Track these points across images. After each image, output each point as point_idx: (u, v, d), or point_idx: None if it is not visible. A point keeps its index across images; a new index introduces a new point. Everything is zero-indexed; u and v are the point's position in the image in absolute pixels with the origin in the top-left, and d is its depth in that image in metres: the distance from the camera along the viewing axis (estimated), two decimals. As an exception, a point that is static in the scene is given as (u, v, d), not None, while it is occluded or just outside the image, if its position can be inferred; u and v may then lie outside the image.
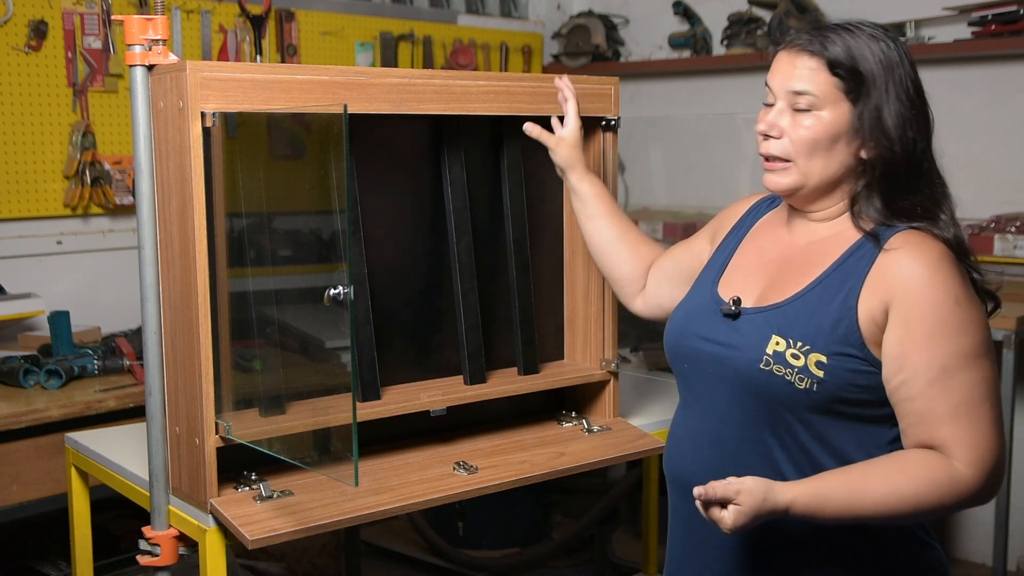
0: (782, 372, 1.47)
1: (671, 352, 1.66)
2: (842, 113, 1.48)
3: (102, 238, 3.31)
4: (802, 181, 1.52)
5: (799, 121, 1.50)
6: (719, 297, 1.61)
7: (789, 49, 1.53)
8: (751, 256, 1.65)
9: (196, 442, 1.71)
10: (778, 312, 1.52)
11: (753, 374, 1.49)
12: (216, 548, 1.73)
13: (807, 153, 1.50)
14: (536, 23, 4.57)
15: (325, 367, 2.28)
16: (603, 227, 1.92)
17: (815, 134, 1.49)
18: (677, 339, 1.64)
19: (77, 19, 3.17)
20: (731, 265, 1.66)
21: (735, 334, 1.54)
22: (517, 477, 1.93)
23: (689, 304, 1.68)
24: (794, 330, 1.48)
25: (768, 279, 1.58)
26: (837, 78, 1.48)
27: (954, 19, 3.54)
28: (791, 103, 1.51)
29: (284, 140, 2.91)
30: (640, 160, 4.33)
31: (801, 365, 1.45)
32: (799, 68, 1.50)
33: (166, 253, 1.75)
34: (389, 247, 1.99)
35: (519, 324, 2.11)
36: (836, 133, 1.49)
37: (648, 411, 2.33)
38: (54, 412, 2.52)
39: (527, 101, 1.99)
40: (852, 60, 1.48)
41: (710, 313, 1.60)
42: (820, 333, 1.46)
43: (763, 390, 1.49)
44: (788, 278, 1.55)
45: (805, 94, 1.49)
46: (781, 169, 1.53)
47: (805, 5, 3.86)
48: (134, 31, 1.70)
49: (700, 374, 1.59)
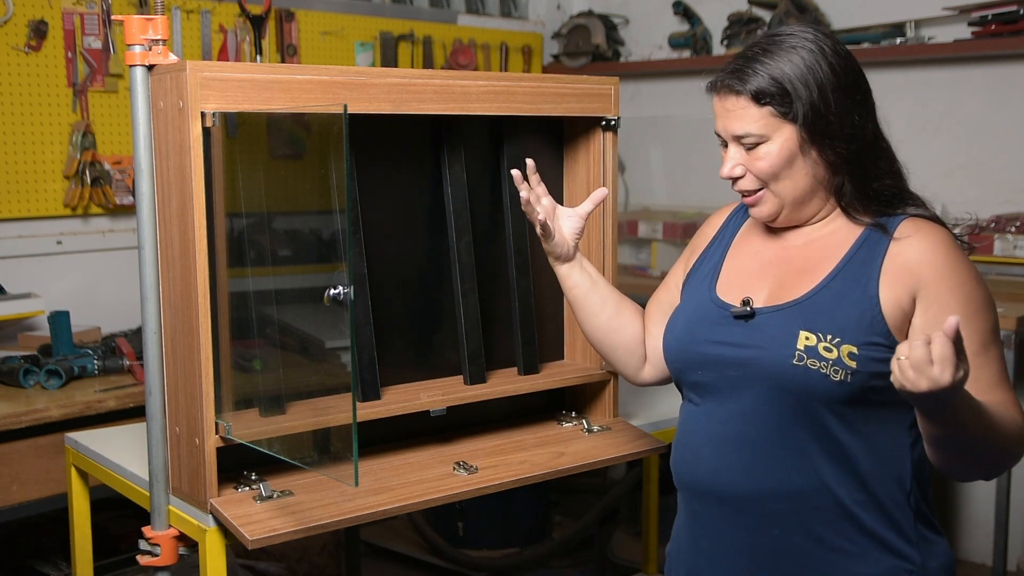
0: (816, 366, 1.48)
1: (679, 362, 1.65)
2: (788, 135, 1.52)
3: (102, 238, 3.31)
4: (779, 204, 1.57)
5: (754, 156, 1.55)
6: (721, 300, 1.62)
7: (719, 93, 1.57)
8: (747, 259, 1.66)
9: (196, 442, 1.71)
10: (798, 308, 1.53)
11: (786, 371, 1.50)
12: (216, 548, 1.73)
13: (772, 179, 1.55)
14: (536, 23, 4.57)
15: (325, 367, 2.28)
16: (609, 294, 1.80)
17: (771, 164, 1.54)
18: (685, 347, 1.63)
19: (77, 19, 3.17)
20: (724, 269, 1.67)
21: (756, 334, 1.55)
22: (517, 477, 1.93)
23: (688, 312, 1.67)
24: (820, 324, 1.50)
25: (774, 279, 1.60)
26: (767, 107, 1.52)
27: (954, 19, 3.54)
28: (740, 143, 1.56)
29: (284, 140, 2.91)
30: (640, 160, 4.33)
31: (835, 357, 1.48)
32: (732, 111, 1.54)
33: (166, 253, 1.75)
34: (389, 247, 1.99)
35: (519, 324, 2.11)
36: (790, 154, 1.53)
37: (648, 411, 2.33)
38: (54, 412, 2.52)
39: (527, 101, 1.99)
40: (775, 83, 1.51)
41: (717, 317, 1.60)
42: (848, 324, 1.49)
43: (797, 386, 1.50)
44: (796, 276, 1.57)
45: (746, 136, 1.54)
46: (759, 199, 1.58)
47: (805, 5, 3.86)
48: (134, 31, 1.70)
49: (719, 379, 1.58)
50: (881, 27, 3.69)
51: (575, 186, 2.18)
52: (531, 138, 2.14)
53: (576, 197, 2.18)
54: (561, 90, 2.03)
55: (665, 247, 4.09)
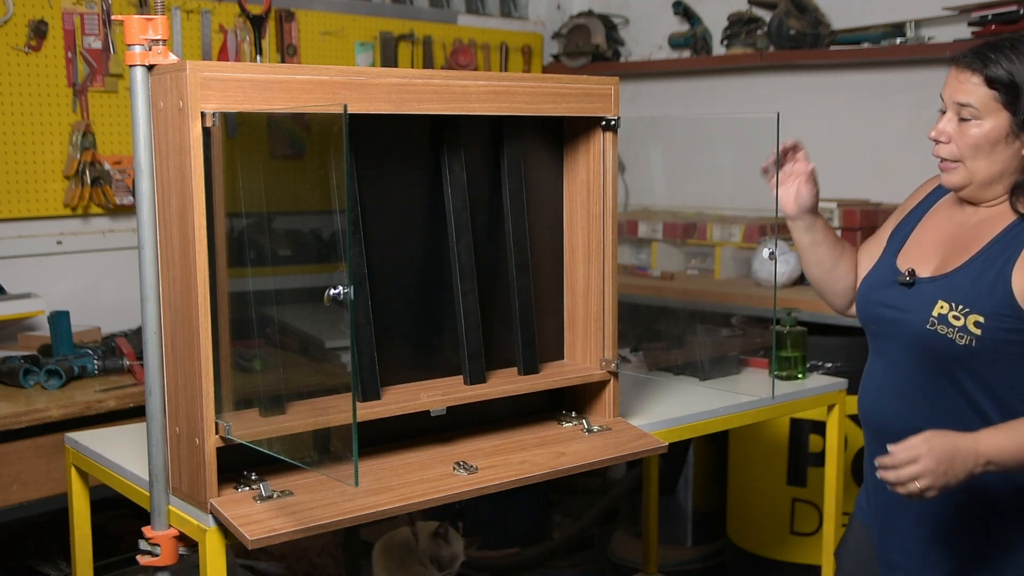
0: (944, 331, 1.79)
1: (861, 316, 2.02)
2: (1001, 122, 1.78)
3: (102, 238, 3.31)
4: (969, 178, 1.83)
5: (964, 129, 1.81)
6: (898, 269, 1.93)
7: (957, 66, 1.83)
8: (930, 233, 1.95)
9: (196, 442, 1.71)
10: (945, 281, 1.84)
11: (922, 333, 1.83)
12: (216, 548, 1.73)
13: (971, 155, 1.81)
14: (536, 23, 4.57)
15: (325, 367, 2.27)
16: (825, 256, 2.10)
17: (976, 139, 1.79)
18: (864, 305, 1.99)
19: (77, 19, 3.17)
20: (911, 239, 1.97)
21: (908, 300, 1.87)
22: (517, 477, 1.93)
23: (873, 274, 2.00)
24: (956, 295, 1.80)
25: (942, 254, 1.89)
26: (995, 91, 1.77)
27: (954, 19, 3.54)
28: (957, 113, 1.81)
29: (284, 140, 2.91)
30: (640, 160, 4.33)
31: (961, 325, 1.78)
32: (963, 83, 1.80)
33: (166, 253, 1.75)
34: (389, 247, 1.99)
35: (519, 324, 2.11)
36: (996, 138, 1.79)
37: (648, 411, 2.33)
38: (54, 412, 2.52)
39: (527, 101, 1.99)
40: (1009, 76, 1.76)
41: (890, 282, 1.93)
42: (979, 297, 1.78)
43: (929, 346, 1.82)
44: (957, 252, 1.86)
45: (967, 106, 1.79)
46: (951, 168, 1.84)
47: (805, 5, 3.86)
48: (134, 31, 1.70)
49: (882, 333, 1.95)
50: (881, 27, 3.70)
51: (575, 186, 2.18)
52: (531, 138, 2.14)
53: (576, 197, 2.18)
54: (561, 90, 2.03)
55: (665, 247, 4.08)
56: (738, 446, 3.60)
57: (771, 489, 3.45)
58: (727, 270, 3.91)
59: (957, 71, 1.82)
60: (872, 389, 1.99)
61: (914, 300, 1.86)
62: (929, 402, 1.86)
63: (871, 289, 1.98)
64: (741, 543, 3.63)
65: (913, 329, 1.85)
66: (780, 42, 3.87)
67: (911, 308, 1.86)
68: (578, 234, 2.19)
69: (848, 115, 3.94)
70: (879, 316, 1.94)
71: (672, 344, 2.76)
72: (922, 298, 1.85)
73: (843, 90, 3.93)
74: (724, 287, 3.77)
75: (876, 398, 1.97)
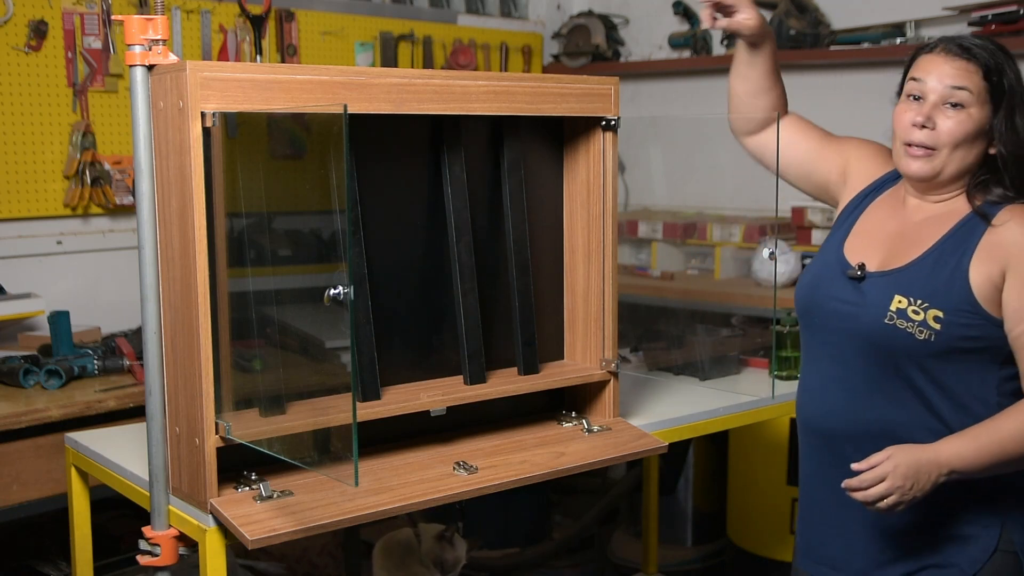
0: (904, 326, 1.74)
1: (803, 307, 1.93)
2: (985, 115, 1.75)
3: (102, 238, 3.31)
4: (939, 169, 1.77)
5: (950, 115, 1.75)
6: (845, 261, 1.86)
7: (949, 53, 1.76)
8: (874, 225, 1.89)
9: (196, 442, 1.71)
10: (899, 275, 1.78)
11: (878, 328, 1.77)
12: (216, 548, 1.73)
13: (952, 144, 1.75)
14: (536, 23, 4.57)
15: (325, 367, 2.28)
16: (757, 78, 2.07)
17: (964, 128, 1.74)
18: (810, 298, 1.90)
19: (77, 19, 3.17)
20: (855, 230, 1.90)
21: (860, 294, 1.81)
22: (517, 477, 1.93)
23: (819, 265, 1.93)
24: (913, 289, 1.75)
25: (888, 248, 1.84)
26: (988, 83, 1.74)
27: (954, 19, 3.54)
28: (946, 98, 1.75)
29: (284, 140, 2.91)
30: (640, 160, 4.33)
31: (921, 319, 1.73)
32: (959, 69, 1.75)
33: (166, 253, 1.75)
34: (389, 247, 1.99)
35: (519, 324, 2.11)
36: (978, 130, 1.75)
37: (648, 411, 2.33)
38: (54, 412, 2.52)
39: (527, 101, 1.99)
40: (999, 71, 1.75)
41: (838, 275, 1.86)
42: (938, 291, 1.73)
43: (887, 341, 1.76)
44: (906, 247, 1.81)
45: (963, 89, 1.74)
46: (924, 156, 1.77)
47: (805, 5, 3.86)
48: (134, 31, 1.70)
49: (828, 326, 1.86)
50: (881, 27, 3.70)
51: (575, 186, 2.18)
52: (531, 138, 2.14)
53: (576, 197, 2.18)
54: (561, 90, 2.03)
55: (665, 247, 4.08)
56: (738, 446, 3.60)
57: (771, 489, 3.45)
58: (727, 270, 3.91)
59: (947, 57, 1.76)
60: (816, 391, 1.90)
61: (868, 295, 1.80)
62: (881, 401, 1.80)
63: (818, 281, 1.90)
64: (741, 543, 3.63)
65: (868, 324, 1.78)
66: (780, 42, 3.87)
67: (865, 303, 1.80)
68: (578, 234, 2.19)
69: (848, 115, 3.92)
70: (830, 310, 1.85)
71: (672, 344, 2.76)
72: (876, 292, 1.79)
73: (843, 90, 3.93)
74: (724, 287, 3.77)
75: (822, 400, 1.89)
